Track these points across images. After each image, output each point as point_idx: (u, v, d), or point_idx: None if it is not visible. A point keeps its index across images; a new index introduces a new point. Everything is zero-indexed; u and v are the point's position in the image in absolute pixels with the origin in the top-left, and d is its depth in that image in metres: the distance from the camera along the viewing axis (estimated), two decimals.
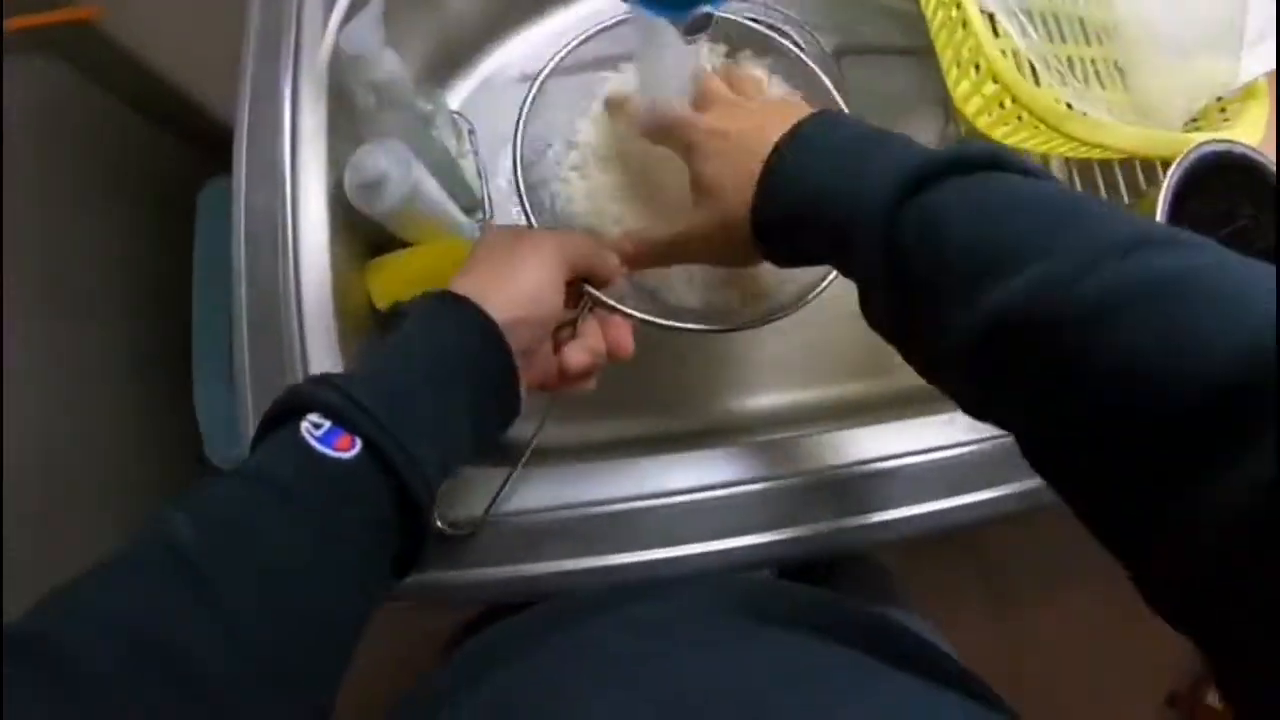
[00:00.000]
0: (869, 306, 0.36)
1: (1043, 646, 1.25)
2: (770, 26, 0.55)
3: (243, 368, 0.48)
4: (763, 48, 0.54)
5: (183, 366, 0.84)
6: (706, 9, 0.33)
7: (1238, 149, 0.50)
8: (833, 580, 0.68)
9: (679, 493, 0.45)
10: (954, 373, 0.32)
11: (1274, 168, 0.51)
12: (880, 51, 0.62)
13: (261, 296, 0.48)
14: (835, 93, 0.50)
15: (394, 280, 0.52)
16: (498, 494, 0.44)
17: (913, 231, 0.31)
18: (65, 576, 0.27)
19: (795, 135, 0.37)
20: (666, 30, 0.35)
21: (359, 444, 0.31)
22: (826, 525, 0.46)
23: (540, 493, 0.46)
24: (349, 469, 0.31)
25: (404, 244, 0.54)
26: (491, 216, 0.59)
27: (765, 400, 0.58)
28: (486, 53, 0.63)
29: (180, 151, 0.96)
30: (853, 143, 0.36)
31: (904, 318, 0.34)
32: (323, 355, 0.48)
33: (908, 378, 0.58)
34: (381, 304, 0.52)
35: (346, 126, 0.53)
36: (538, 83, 0.49)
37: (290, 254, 0.49)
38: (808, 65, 0.52)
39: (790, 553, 0.46)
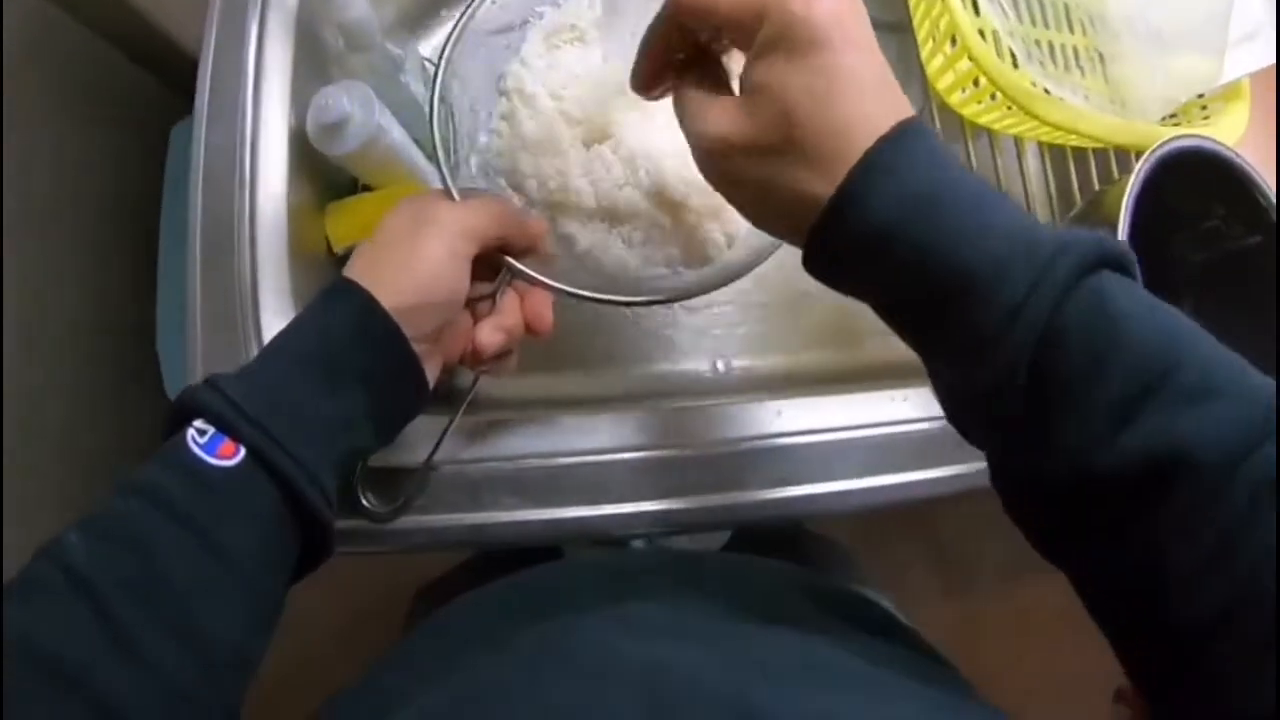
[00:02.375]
0: (967, 401, 0.30)
1: (995, 635, 1.26)
2: None
3: (194, 304, 0.48)
4: None
5: (148, 305, 0.83)
6: None
7: (1210, 146, 0.49)
8: (799, 559, 0.68)
9: (618, 450, 0.45)
10: (1078, 499, 0.27)
11: (1248, 168, 0.51)
12: None
13: (216, 233, 0.48)
14: None
15: (353, 223, 0.51)
16: (430, 456, 0.44)
17: (1081, 319, 0.26)
18: (25, 521, 0.28)
19: (907, 130, 0.28)
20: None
21: (242, 450, 0.31)
22: (769, 494, 0.46)
23: (476, 446, 0.45)
24: (232, 477, 0.31)
25: (366, 186, 0.54)
26: (455, 166, 0.58)
27: (707, 365, 0.58)
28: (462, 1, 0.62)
29: (155, 88, 0.94)
30: (979, 184, 0.29)
31: (1032, 420, 0.27)
32: (274, 295, 0.47)
33: (857, 352, 0.59)
34: (339, 247, 0.52)
35: (314, 67, 0.53)
36: (459, 26, 0.44)
37: (247, 191, 0.48)
38: None
39: (732, 518, 0.46)
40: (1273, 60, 0.55)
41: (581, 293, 0.41)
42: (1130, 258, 0.28)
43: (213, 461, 0.31)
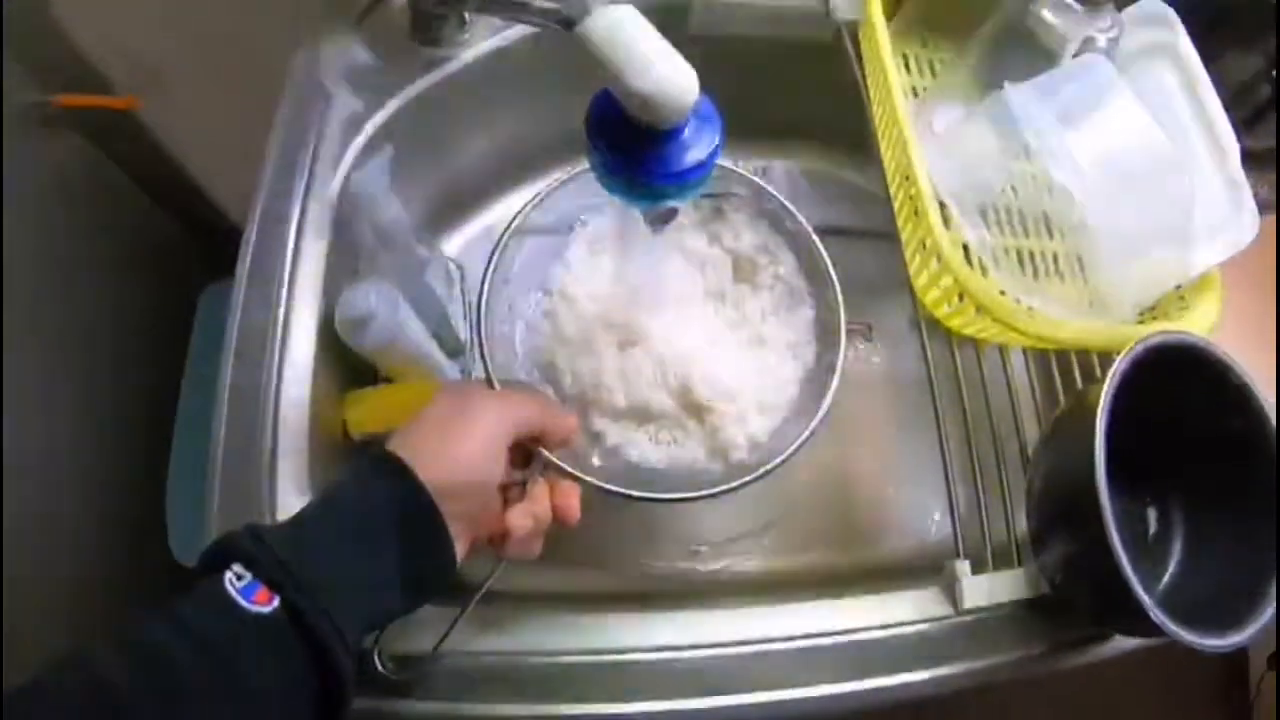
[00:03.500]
0: None
1: None
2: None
3: (215, 470, 0.49)
4: (762, 217, 0.57)
5: (159, 461, 0.84)
6: (671, 204, 0.36)
7: (1181, 339, 0.50)
8: None
9: (623, 651, 0.46)
10: None
11: (1223, 355, 0.52)
12: (856, 235, 0.65)
13: (243, 404, 0.50)
14: (831, 270, 0.53)
15: (371, 414, 0.54)
16: (442, 639, 0.44)
17: None
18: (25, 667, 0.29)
19: None
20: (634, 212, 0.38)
21: (276, 600, 0.33)
22: (776, 695, 0.46)
23: (483, 638, 0.46)
24: (265, 624, 0.32)
25: (386, 376, 0.56)
26: (473, 362, 0.61)
27: (719, 565, 0.58)
28: (490, 203, 0.66)
29: (190, 246, 0.98)
30: None
31: None
32: (292, 469, 0.49)
33: (858, 553, 0.59)
34: (356, 434, 0.54)
35: (346, 259, 0.56)
36: (510, 228, 0.50)
37: (275, 372, 0.50)
38: (807, 239, 0.54)
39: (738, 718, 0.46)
40: (1241, 248, 0.58)
41: (609, 487, 0.44)
42: None
43: (249, 607, 0.32)
